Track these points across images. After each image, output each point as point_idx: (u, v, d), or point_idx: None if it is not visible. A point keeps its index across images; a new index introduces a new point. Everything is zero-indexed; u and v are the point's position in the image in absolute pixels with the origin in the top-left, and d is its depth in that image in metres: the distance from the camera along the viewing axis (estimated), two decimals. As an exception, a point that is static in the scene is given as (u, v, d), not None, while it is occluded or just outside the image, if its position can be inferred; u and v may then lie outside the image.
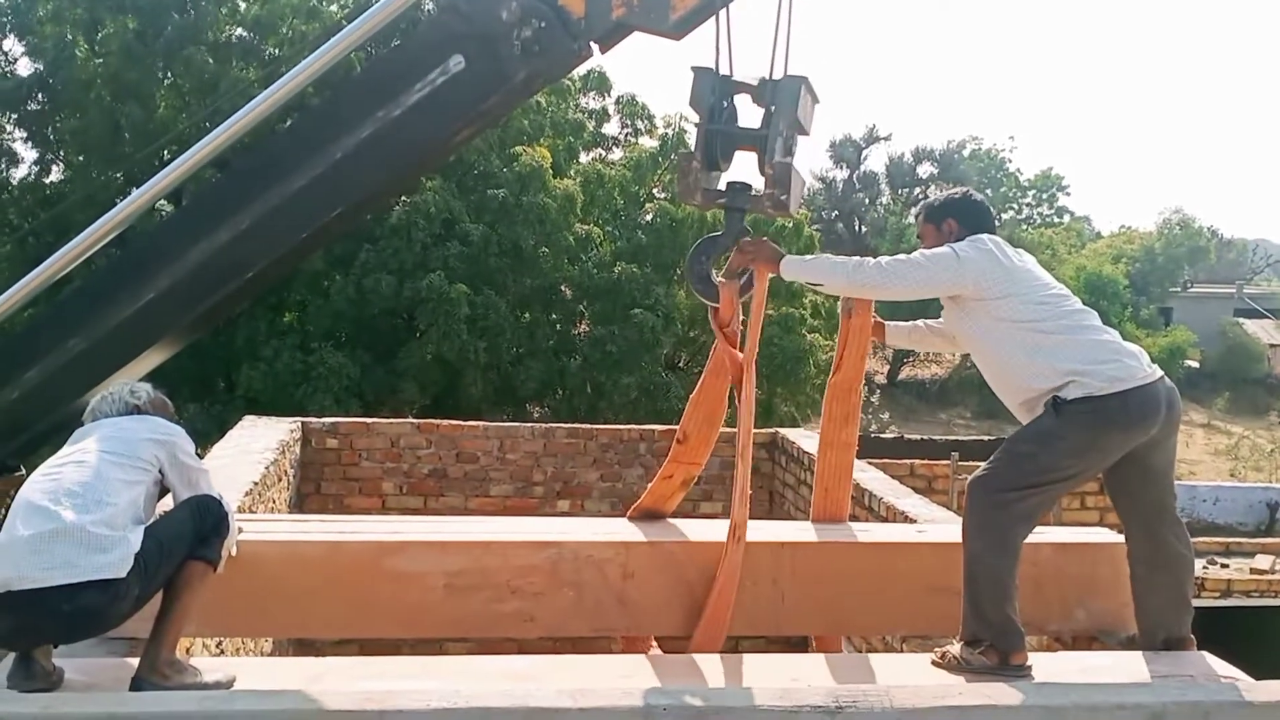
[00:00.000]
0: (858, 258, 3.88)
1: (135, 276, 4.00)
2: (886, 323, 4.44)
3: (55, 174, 18.22)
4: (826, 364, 19.45)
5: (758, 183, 3.92)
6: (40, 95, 18.02)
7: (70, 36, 17.55)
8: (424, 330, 17.11)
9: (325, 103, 4.29)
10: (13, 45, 18.22)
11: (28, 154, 18.24)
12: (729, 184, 3.95)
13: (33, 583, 3.19)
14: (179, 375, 16.32)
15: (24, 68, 18.26)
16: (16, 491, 3.47)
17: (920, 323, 4.36)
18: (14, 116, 18.45)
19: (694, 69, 3.83)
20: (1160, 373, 3.57)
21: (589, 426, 9.53)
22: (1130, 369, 3.47)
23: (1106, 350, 3.51)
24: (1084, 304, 3.74)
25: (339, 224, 4.15)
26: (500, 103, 3.95)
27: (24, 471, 4.15)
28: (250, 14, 18.18)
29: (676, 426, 4.62)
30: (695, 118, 3.93)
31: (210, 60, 16.76)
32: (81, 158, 17.63)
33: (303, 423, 8.61)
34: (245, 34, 18.40)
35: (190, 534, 3.53)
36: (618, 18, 3.71)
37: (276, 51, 17.87)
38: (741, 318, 4.15)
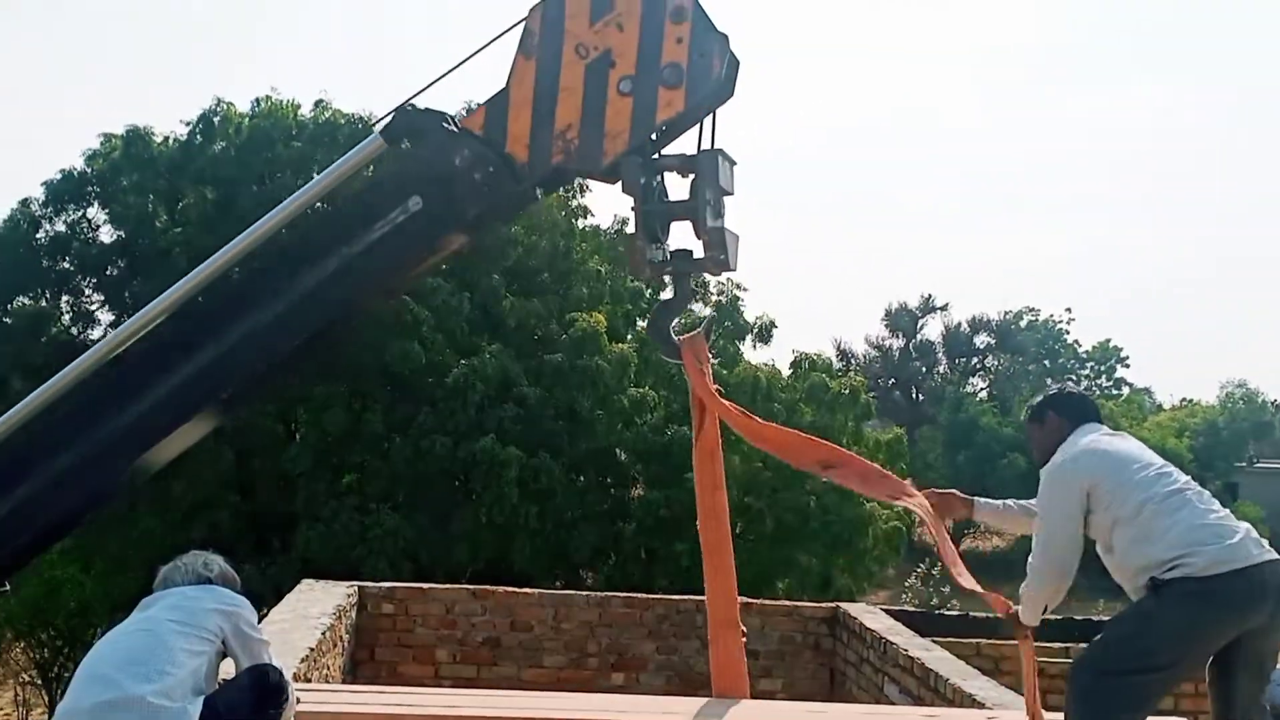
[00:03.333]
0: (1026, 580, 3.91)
1: (123, 394, 4.27)
2: (976, 499, 4.43)
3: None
4: (886, 533, 19.25)
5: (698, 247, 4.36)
6: (120, 261, 18.74)
7: (151, 207, 18.37)
8: (477, 494, 17.15)
9: (296, 240, 4.69)
10: (96, 213, 19.05)
11: (105, 316, 18.88)
12: (672, 253, 4.38)
13: (93, 754, 3.19)
14: (235, 535, 16.46)
15: (106, 234, 19.07)
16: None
17: (1011, 502, 4.35)
18: (94, 281, 19.15)
19: (620, 159, 4.15)
20: (1273, 555, 3.49)
21: (644, 596, 9.41)
22: (1233, 551, 3.42)
23: (1208, 531, 3.47)
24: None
25: (311, 344, 4.52)
26: (454, 238, 4.43)
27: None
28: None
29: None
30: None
31: (283, 230, 17.35)
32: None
33: (359, 587, 8.60)
34: (320, 204, 19.12)
35: (249, 705, 3.53)
36: (556, 163, 4.19)
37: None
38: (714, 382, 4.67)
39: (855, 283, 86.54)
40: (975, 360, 51.47)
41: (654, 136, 4.23)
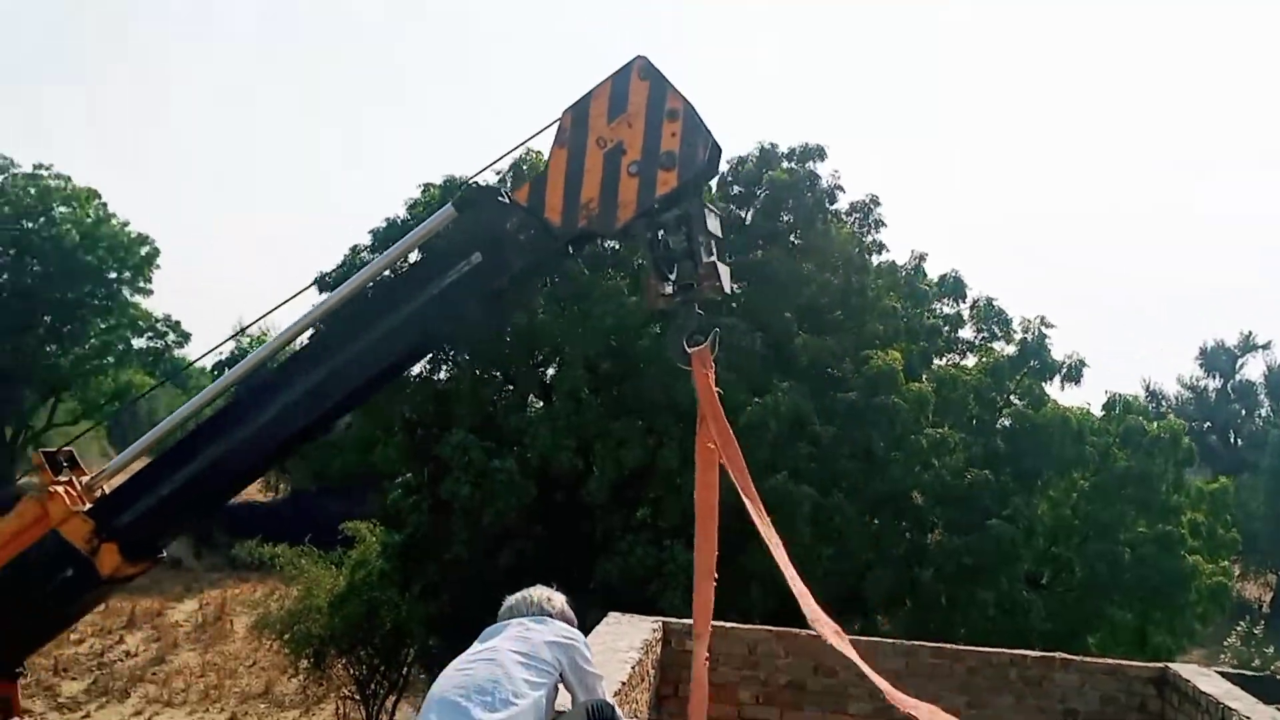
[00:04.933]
0: None
1: (245, 416, 5.78)
2: None
3: (443, 372, 19.94)
4: (1211, 588, 17.72)
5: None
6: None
7: (465, 249, 19.43)
8: (771, 532, 17.02)
9: (380, 289, 6.11)
10: (415, 258, 20.28)
11: (425, 354, 20.11)
12: (678, 286, 5.40)
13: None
14: (538, 565, 17.06)
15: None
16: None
17: None
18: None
19: (630, 223, 5.31)
20: None
21: (955, 647, 9.04)
22: None
23: None
24: None
25: (389, 376, 6.15)
26: (505, 285, 5.62)
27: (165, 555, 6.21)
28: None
29: (1045, 653, 4.52)
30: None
31: (585, 271, 18.04)
32: (467, 358, 19.27)
33: (664, 623, 8.68)
34: (615, 245, 19.75)
35: (585, 738, 3.58)
36: (581, 227, 5.38)
37: (641, 262, 18.96)
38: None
39: (1165, 320, 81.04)
40: (1303, 403, 47.12)
41: (655, 205, 5.28)
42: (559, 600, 4.10)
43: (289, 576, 22.71)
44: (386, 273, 6.36)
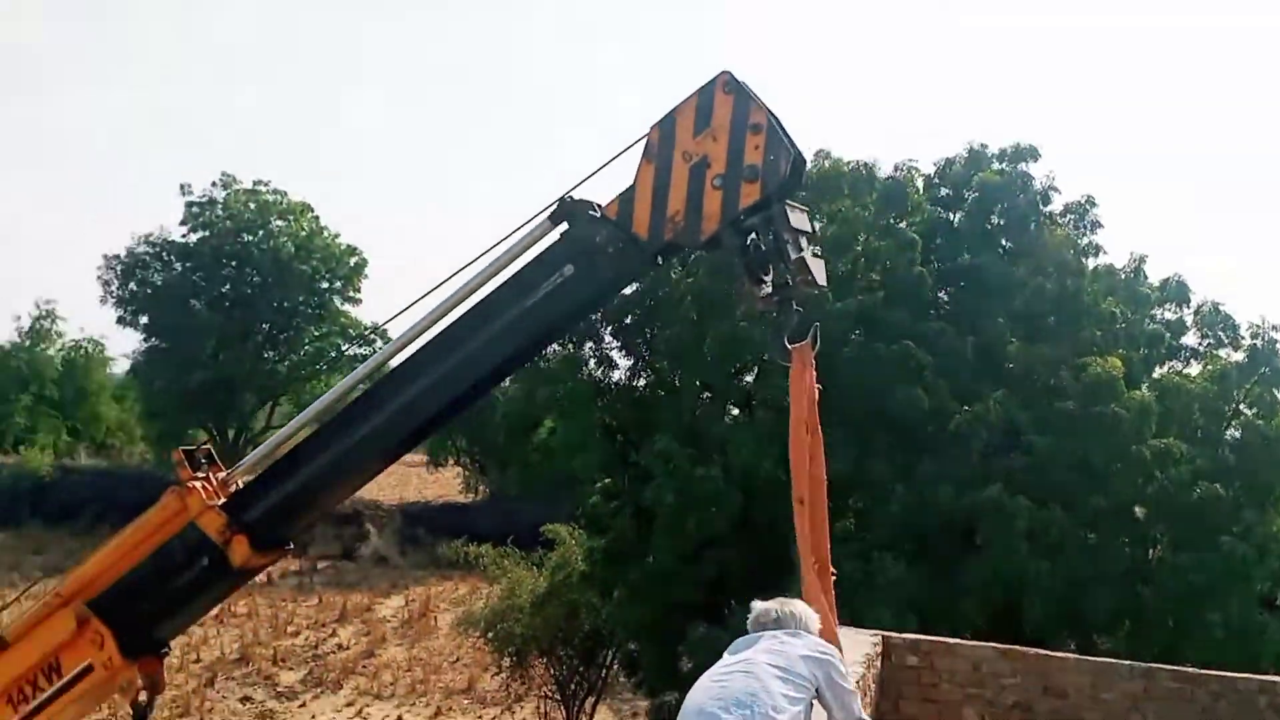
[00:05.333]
0: None
1: (371, 408, 6.15)
2: None
3: (641, 380, 20.12)
4: None
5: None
6: (636, 310, 20.13)
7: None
8: (982, 545, 16.47)
9: (486, 298, 6.16)
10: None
11: (622, 361, 20.35)
12: (775, 286, 5.56)
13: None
14: (740, 574, 16.96)
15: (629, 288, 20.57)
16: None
17: None
18: (612, 328, 20.71)
19: (716, 233, 5.45)
20: None
21: (1197, 671, 8.51)
22: None
23: None
24: None
25: (491, 380, 6.41)
26: (597, 295, 6.15)
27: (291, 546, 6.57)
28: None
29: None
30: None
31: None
32: (667, 363, 19.37)
33: (884, 637, 8.45)
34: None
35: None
36: (667, 239, 5.59)
37: (849, 266, 18.71)
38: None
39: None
40: None
41: (740, 216, 5.44)
42: (804, 613, 3.98)
43: (491, 576, 23.24)
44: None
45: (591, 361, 20.04)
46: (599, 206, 5.77)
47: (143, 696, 6.43)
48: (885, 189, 19.27)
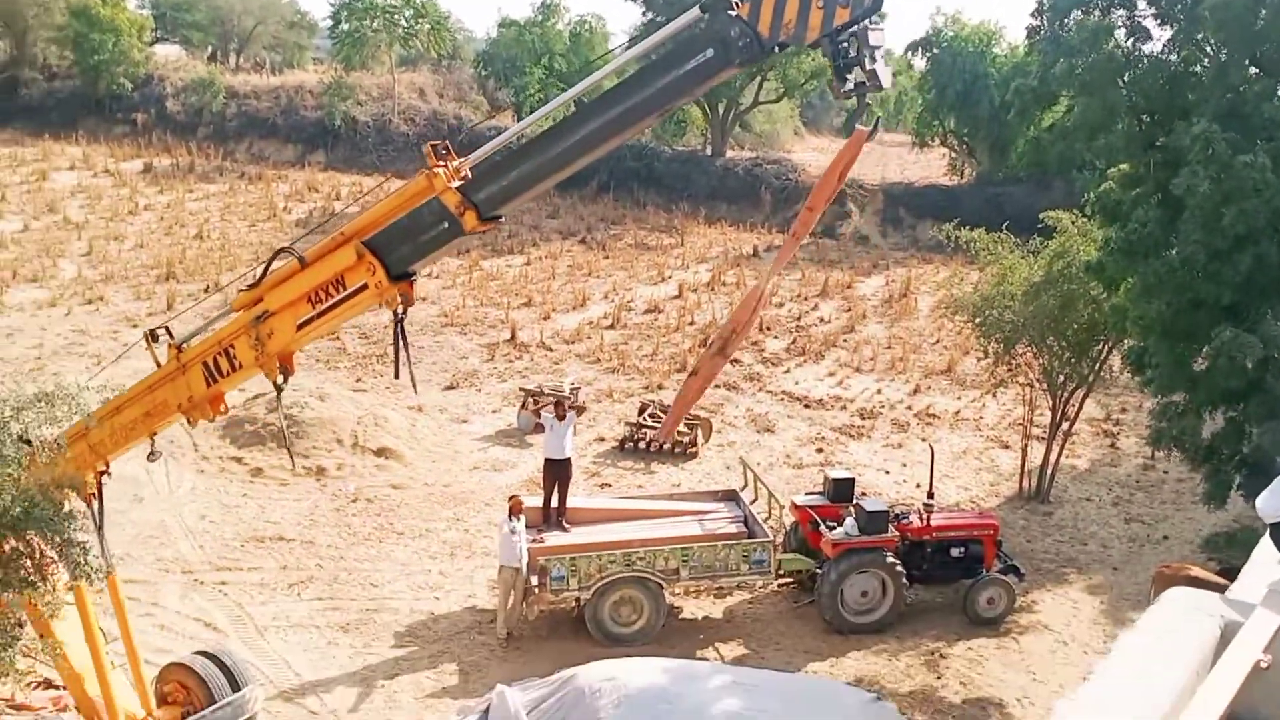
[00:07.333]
0: None
1: (579, 123, 8.43)
2: None
3: (1180, 52, 17.81)
4: None
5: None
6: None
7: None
8: None
9: (640, 70, 8.51)
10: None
11: (1158, 31, 18.04)
12: (855, 83, 7.89)
13: None
14: (1276, 274, 15.20)
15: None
16: None
17: None
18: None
19: (818, 39, 7.87)
20: None
21: None
22: None
23: None
24: None
25: (635, 128, 8.66)
26: (727, 75, 8.33)
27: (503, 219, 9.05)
28: None
29: None
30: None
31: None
32: (1212, 35, 17.00)
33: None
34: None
35: None
36: (781, 38, 7.84)
37: None
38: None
39: None
40: None
41: (835, 29, 7.69)
42: None
43: (981, 261, 22.61)
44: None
45: (1120, 31, 17.95)
46: (736, 3, 7.81)
47: (400, 309, 8.94)
48: None
